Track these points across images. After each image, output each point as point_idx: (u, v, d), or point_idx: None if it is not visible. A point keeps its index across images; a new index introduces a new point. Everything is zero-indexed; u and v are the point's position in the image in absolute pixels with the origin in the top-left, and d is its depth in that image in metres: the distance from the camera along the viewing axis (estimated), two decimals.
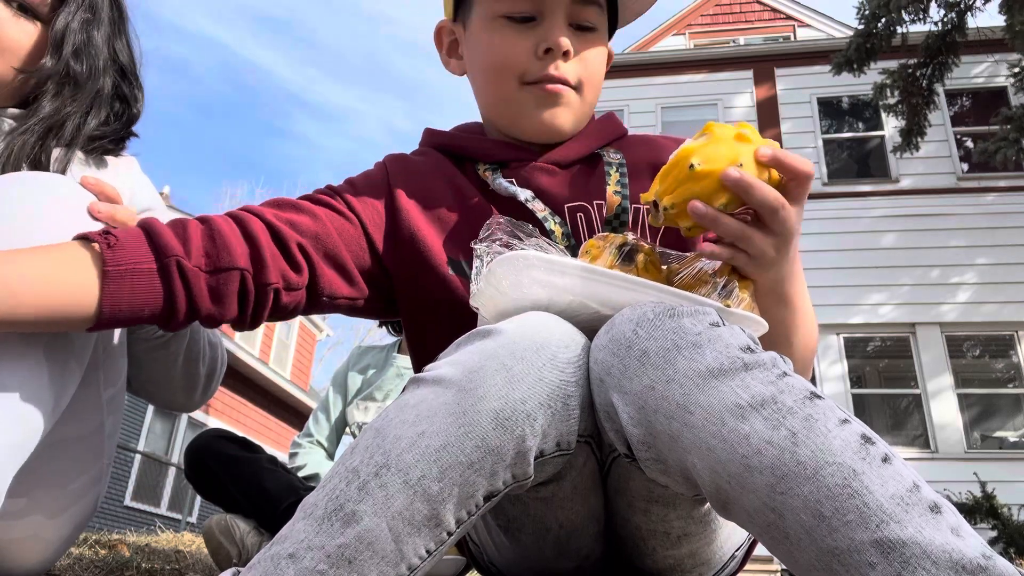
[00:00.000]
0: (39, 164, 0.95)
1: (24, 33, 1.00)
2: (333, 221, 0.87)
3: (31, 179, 0.79)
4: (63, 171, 0.96)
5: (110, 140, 1.04)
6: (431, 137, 1.01)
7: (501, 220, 0.76)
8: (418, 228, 0.91)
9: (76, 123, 0.99)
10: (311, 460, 1.95)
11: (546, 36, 0.88)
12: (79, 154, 1.00)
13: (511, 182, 0.92)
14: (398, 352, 2.10)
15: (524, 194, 0.91)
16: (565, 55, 0.89)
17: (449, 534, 0.59)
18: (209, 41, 49.46)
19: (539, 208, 0.90)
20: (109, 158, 1.05)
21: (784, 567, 0.57)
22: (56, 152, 0.96)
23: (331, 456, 2.05)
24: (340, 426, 2.07)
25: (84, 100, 1.01)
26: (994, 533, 5.39)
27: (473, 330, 0.67)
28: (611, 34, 0.99)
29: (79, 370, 0.77)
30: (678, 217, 0.72)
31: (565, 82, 0.90)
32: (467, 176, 0.95)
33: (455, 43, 1.00)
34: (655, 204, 0.73)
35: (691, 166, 0.69)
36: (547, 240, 0.73)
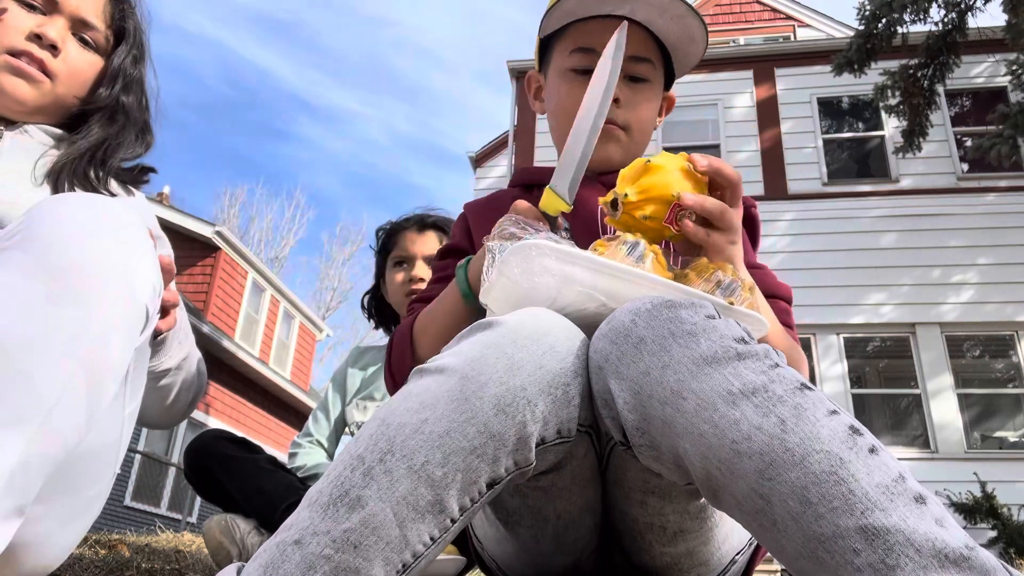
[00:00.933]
0: (87, 181, 1.07)
1: (88, 64, 1.12)
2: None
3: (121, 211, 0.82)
4: (105, 190, 1.09)
5: (140, 171, 1.18)
6: (514, 175, 1.20)
7: (511, 216, 0.78)
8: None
9: (121, 150, 1.13)
10: (311, 460, 1.95)
11: None
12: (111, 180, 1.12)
13: None
14: None
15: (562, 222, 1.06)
16: (616, 101, 1.03)
17: (453, 521, 0.60)
18: (211, 43, 49.53)
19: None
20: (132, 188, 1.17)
21: (785, 567, 0.58)
22: (99, 173, 1.09)
23: (331, 456, 2.04)
24: (340, 426, 2.06)
25: (131, 130, 1.15)
26: (994, 533, 5.39)
27: (475, 323, 0.69)
28: (671, 83, 1.16)
29: (114, 386, 0.78)
30: (636, 208, 0.78)
31: (614, 123, 1.05)
32: (532, 200, 1.13)
33: (540, 89, 1.19)
34: (613, 203, 0.80)
35: (647, 160, 0.80)
36: (557, 235, 0.75)
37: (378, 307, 2.08)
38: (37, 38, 1.05)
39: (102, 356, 0.75)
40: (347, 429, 2.04)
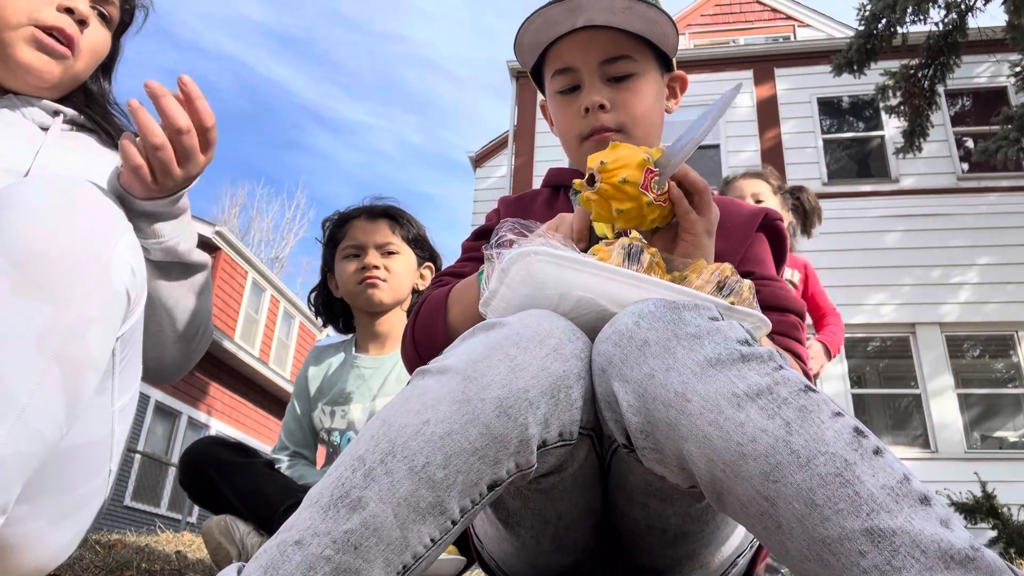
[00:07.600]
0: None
1: (105, 42, 1.07)
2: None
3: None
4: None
5: None
6: (546, 176, 1.26)
7: (509, 221, 0.78)
8: None
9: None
10: (295, 475, 1.89)
11: (583, 100, 1.07)
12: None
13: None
14: (356, 351, 1.99)
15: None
16: (601, 107, 1.06)
17: (453, 523, 0.60)
18: (227, 58, 49.57)
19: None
20: None
21: (789, 569, 0.58)
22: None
23: (312, 462, 1.98)
24: (312, 432, 1.99)
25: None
26: (994, 533, 5.39)
27: (477, 324, 0.69)
28: (671, 65, 1.17)
29: (94, 379, 0.75)
30: (612, 174, 0.80)
31: (607, 129, 1.06)
32: (560, 200, 1.18)
33: None
34: (590, 179, 0.81)
35: (609, 141, 0.85)
36: (557, 240, 0.75)
37: (326, 303, 2.01)
38: (68, 12, 0.98)
39: (79, 349, 0.71)
40: (320, 435, 1.98)
